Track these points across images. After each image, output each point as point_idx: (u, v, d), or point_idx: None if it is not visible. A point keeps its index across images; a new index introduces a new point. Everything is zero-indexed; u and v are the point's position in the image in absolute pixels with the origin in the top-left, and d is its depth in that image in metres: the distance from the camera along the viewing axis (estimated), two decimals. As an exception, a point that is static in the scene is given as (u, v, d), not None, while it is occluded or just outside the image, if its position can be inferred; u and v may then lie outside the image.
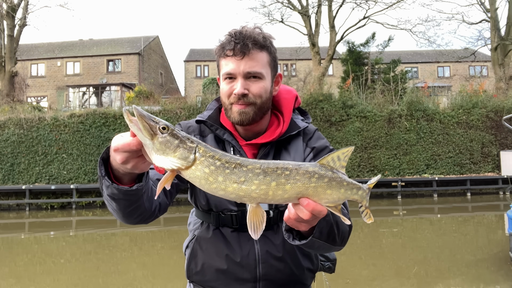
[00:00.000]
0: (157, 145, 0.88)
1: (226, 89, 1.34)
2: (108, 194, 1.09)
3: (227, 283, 1.38)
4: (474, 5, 24.02)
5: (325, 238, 1.13)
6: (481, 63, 30.45)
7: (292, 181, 0.90)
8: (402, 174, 15.10)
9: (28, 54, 30.79)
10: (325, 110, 15.12)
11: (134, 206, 1.15)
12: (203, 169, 0.89)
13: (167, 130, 0.89)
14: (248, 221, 0.96)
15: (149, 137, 0.88)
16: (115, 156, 0.97)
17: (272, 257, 1.37)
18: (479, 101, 15.68)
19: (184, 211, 12.70)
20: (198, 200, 1.42)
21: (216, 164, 0.89)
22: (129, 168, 0.98)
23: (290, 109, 1.46)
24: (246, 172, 0.89)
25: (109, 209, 1.20)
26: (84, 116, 14.88)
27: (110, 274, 6.77)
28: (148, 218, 1.27)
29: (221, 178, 0.89)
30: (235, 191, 0.90)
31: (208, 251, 1.41)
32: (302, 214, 0.95)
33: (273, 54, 1.37)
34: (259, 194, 0.91)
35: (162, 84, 34.52)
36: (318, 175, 0.91)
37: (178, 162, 0.89)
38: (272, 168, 0.90)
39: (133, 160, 0.96)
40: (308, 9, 20.97)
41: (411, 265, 6.73)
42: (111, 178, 1.07)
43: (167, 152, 0.88)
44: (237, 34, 1.29)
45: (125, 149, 0.93)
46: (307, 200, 0.92)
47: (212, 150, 0.91)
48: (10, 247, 9.44)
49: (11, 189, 14.15)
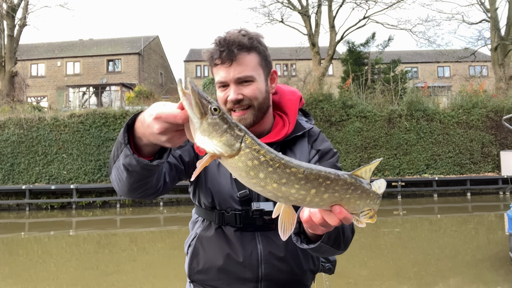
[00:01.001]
0: (205, 126, 0.84)
1: (221, 97, 1.35)
2: (123, 163, 1.04)
3: (229, 283, 1.38)
4: (474, 5, 24.04)
5: (331, 243, 1.15)
6: (481, 63, 30.46)
7: (331, 191, 0.90)
8: (402, 174, 15.10)
9: (28, 54, 30.79)
10: (325, 110, 15.12)
11: (144, 182, 1.12)
12: (246, 161, 0.85)
13: (218, 112, 0.85)
14: (279, 221, 0.95)
15: (198, 115, 0.84)
16: (153, 124, 0.90)
17: (274, 257, 1.37)
18: (479, 101, 15.68)
19: (184, 211, 12.71)
20: (203, 197, 1.42)
21: (260, 159, 0.86)
22: (163, 140, 0.91)
23: (295, 110, 1.47)
24: (288, 174, 0.87)
25: (115, 179, 1.15)
26: (84, 116, 14.88)
27: (110, 274, 6.77)
28: (150, 195, 1.25)
29: (262, 175, 0.86)
30: (273, 191, 0.88)
31: (210, 250, 1.40)
32: (331, 220, 0.95)
33: (263, 52, 1.36)
34: (297, 198, 0.90)
35: (162, 84, 34.53)
36: (354, 187, 0.92)
37: (222, 148, 0.84)
38: (314, 175, 0.88)
39: (171, 133, 0.90)
40: (308, 9, 20.97)
41: (411, 265, 6.73)
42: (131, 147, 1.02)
43: (213, 135, 0.84)
44: (221, 41, 1.29)
45: (169, 119, 0.87)
46: (340, 208, 0.93)
47: (258, 143, 0.87)
48: (10, 247, 9.44)
49: (11, 189, 14.14)
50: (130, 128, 1.01)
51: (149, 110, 0.92)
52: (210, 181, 1.40)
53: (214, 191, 1.39)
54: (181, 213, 12.66)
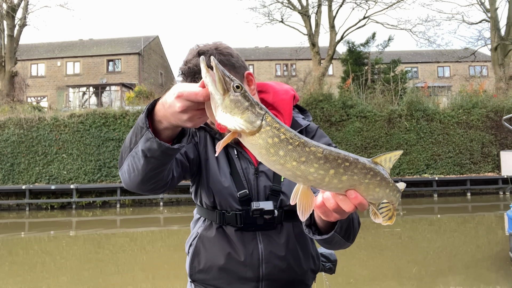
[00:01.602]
0: (227, 102, 0.86)
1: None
2: (142, 149, 1.04)
3: (230, 282, 1.38)
4: (474, 5, 24.03)
5: (343, 233, 1.15)
6: (481, 63, 30.46)
7: (349, 173, 0.90)
8: (402, 174, 15.10)
9: (28, 54, 30.80)
10: (325, 110, 15.13)
11: (160, 170, 1.13)
12: (267, 138, 0.87)
13: (241, 90, 0.86)
14: (298, 202, 0.94)
15: (221, 91, 0.85)
16: (175, 102, 0.92)
17: (275, 256, 1.37)
18: (479, 101, 15.68)
19: (184, 211, 12.71)
20: (204, 196, 1.42)
21: (281, 137, 0.87)
22: (184, 119, 0.94)
23: (290, 109, 1.47)
24: (308, 153, 0.87)
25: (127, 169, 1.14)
26: (84, 116, 14.88)
27: (110, 274, 6.77)
28: (160, 189, 1.25)
29: (282, 153, 0.87)
30: (292, 169, 0.89)
31: (211, 250, 1.41)
32: (345, 206, 0.94)
33: (229, 63, 1.35)
34: (316, 178, 0.90)
35: (162, 84, 34.51)
36: (373, 172, 0.92)
37: (243, 125, 0.86)
38: (334, 156, 0.88)
39: (192, 111, 0.93)
40: (308, 9, 20.97)
41: (411, 265, 6.73)
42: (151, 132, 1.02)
43: (234, 112, 0.86)
44: (186, 73, 1.36)
45: (191, 97, 0.89)
46: (355, 193, 0.92)
47: (278, 122, 0.89)
48: (10, 247, 9.44)
49: (11, 189, 14.15)
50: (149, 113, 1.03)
51: (172, 90, 0.94)
52: (211, 180, 1.40)
53: (215, 190, 1.39)
54: (181, 213, 12.66)
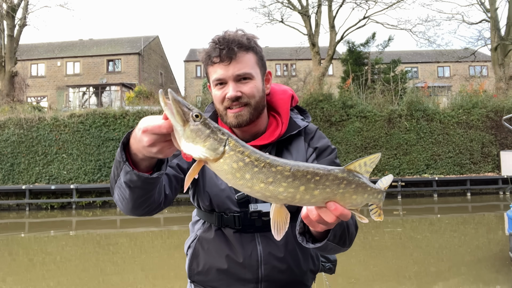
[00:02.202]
0: (188, 133, 0.87)
1: (218, 95, 1.34)
2: (124, 181, 1.07)
3: (229, 283, 1.38)
4: (474, 5, 24.01)
5: (337, 240, 1.14)
6: (481, 63, 30.45)
7: (321, 186, 0.89)
8: (402, 174, 15.10)
9: (28, 54, 30.79)
10: (325, 110, 15.12)
11: (147, 196, 1.14)
12: (231, 163, 0.87)
13: (200, 119, 0.88)
14: (272, 221, 0.94)
15: (181, 123, 0.87)
16: (142, 137, 0.94)
17: (274, 258, 1.37)
18: (479, 101, 15.68)
19: (184, 211, 12.70)
20: (201, 200, 1.42)
21: (245, 160, 0.87)
22: (154, 151, 0.95)
23: (287, 109, 1.46)
24: (275, 173, 0.87)
25: (118, 199, 1.17)
26: (84, 116, 14.88)
27: (110, 274, 6.78)
28: (154, 210, 1.26)
29: (248, 176, 0.88)
30: (261, 191, 0.89)
31: (210, 251, 1.41)
32: (327, 217, 0.94)
33: (260, 53, 1.37)
34: (286, 197, 0.90)
35: (162, 84, 34.51)
36: (347, 181, 0.91)
37: (207, 152, 0.87)
38: (302, 172, 0.88)
39: (160, 143, 0.94)
40: (308, 9, 20.96)
41: (411, 265, 6.73)
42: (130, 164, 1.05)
43: (196, 141, 0.87)
44: (220, 40, 1.30)
45: (155, 131, 0.91)
46: (335, 204, 0.92)
47: (242, 145, 0.89)
48: (10, 247, 9.44)
49: (11, 189, 14.14)
50: (125, 146, 1.05)
51: (139, 124, 0.96)
52: (208, 184, 1.40)
53: (212, 194, 1.39)
54: (181, 213, 12.66)
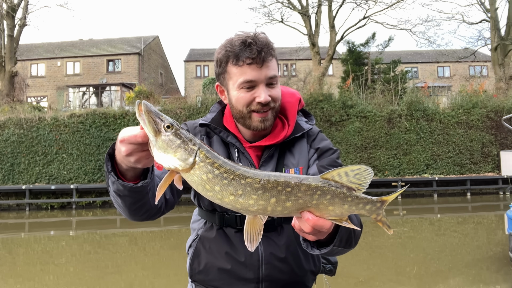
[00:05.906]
0: (159, 143, 0.88)
1: (245, 97, 1.30)
2: (114, 191, 1.10)
3: (230, 283, 1.39)
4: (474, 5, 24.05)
5: (343, 244, 1.14)
6: (481, 63, 30.46)
7: (293, 198, 0.87)
8: (402, 174, 15.10)
9: (28, 54, 30.77)
10: (325, 110, 15.12)
11: (140, 204, 1.16)
12: (201, 175, 0.87)
13: (171, 129, 0.89)
14: (245, 232, 0.93)
15: (152, 133, 0.88)
16: (120, 147, 0.97)
17: (275, 258, 1.37)
18: (479, 101, 15.68)
19: (184, 211, 12.70)
20: (202, 200, 1.42)
21: (215, 172, 0.87)
22: (132, 161, 0.97)
23: (295, 112, 1.46)
24: (244, 185, 0.86)
25: (115, 206, 1.20)
26: (84, 116, 14.88)
27: (110, 274, 6.77)
28: (155, 215, 1.28)
29: (218, 188, 0.87)
30: (231, 203, 0.88)
31: (211, 251, 1.41)
32: (304, 227, 0.92)
33: (277, 58, 1.38)
34: (257, 209, 0.88)
35: (162, 84, 34.51)
36: (321, 191, 0.87)
37: (177, 163, 0.88)
38: (272, 184, 0.86)
39: (138, 153, 0.96)
40: (308, 9, 20.96)
41: (411, 265, 6.73)
42: (117, 174, 1.07)
43: (168, 151, 0.88)
44: (256, 41, 1.26)
45: (131, 140, 0.93)
46: (308, 214, 0.89)
47: (213, 156, 0.88)
48: (10, 247, 9.44)
49: (11, 189, 14.14)
50: (112, 156, 1.06)
51: (119, 135, 0.97)
52: None
53: None
54: (181, 213, 12.65)
